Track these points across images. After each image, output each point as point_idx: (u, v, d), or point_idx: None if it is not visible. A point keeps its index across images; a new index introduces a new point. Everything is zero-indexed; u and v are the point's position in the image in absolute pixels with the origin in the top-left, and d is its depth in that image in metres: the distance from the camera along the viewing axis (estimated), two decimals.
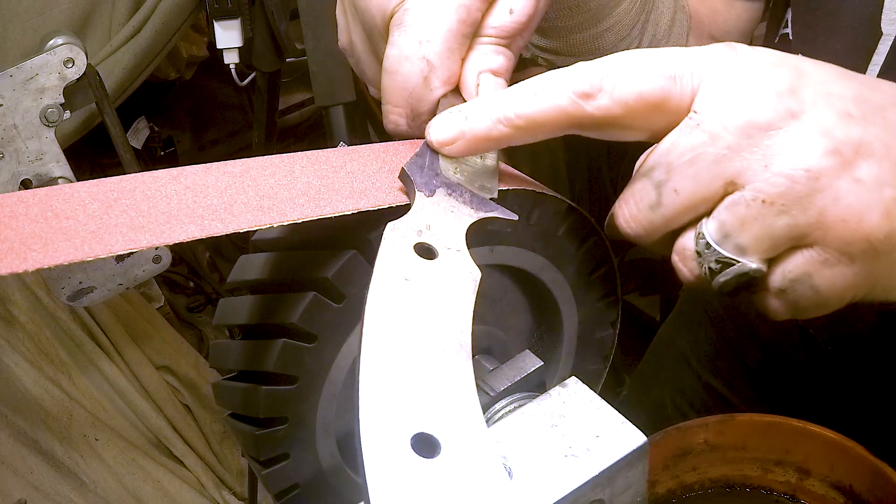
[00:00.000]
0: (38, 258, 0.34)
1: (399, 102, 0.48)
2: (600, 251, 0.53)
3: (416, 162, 0.44)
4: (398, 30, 0.46)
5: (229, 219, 0.39)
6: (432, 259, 0.40)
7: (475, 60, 0.48)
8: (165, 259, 0.93)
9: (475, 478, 0.31)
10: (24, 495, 1.15)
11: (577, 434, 0.41)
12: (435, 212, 0.42)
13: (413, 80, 0.47)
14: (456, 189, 0.44)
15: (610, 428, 0.41)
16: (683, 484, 0.58)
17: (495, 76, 0.49)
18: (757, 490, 0.58)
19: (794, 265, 0.40)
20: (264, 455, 0.46)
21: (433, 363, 0.34)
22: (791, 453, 0.56)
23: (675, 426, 0.56)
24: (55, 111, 0.81)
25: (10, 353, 1.19)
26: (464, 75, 0.48)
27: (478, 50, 0.49)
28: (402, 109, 0.48)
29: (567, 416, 0.42)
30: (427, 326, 0.36)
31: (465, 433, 0.32)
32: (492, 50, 0.49)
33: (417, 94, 0.47)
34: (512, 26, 0.49)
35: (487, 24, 0.48)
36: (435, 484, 0.30)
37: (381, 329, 0.35)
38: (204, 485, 1.32)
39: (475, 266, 0.40)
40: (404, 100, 0.47)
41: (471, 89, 0.48)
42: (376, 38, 0.50)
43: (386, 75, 0.48)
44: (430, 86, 0.47)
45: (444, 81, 0.47)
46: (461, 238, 0.42)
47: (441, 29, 0.46)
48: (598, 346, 0.57)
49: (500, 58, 0.49)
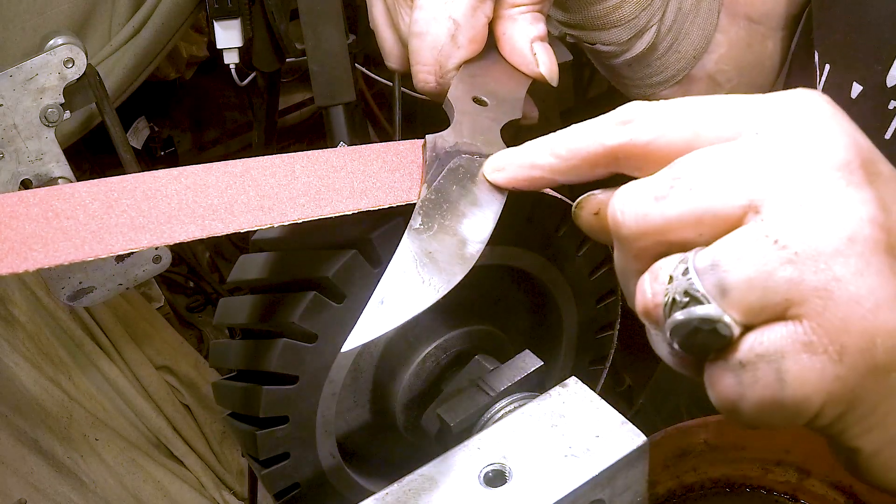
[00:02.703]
0: (39, 258, 0.34)
1: (428, 61, 0.51)
2: (600, 251, 0.53)
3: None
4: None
5: (230, 219, 0.39)
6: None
7: (521, 31, 0.52)
8: (165, 259, 0.92)
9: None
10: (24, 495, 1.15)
11: (577, 434, 0.41)
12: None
13: (441, 39, 0.50)
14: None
15: (610, 428, 0.41)
16: (683, 484, 0.58)
17: (543, 42, 0.53)
18: (757, 490, 0.58)
19: (770, 337, 0.32)
20: (264, 455, 0.46)
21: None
22: (791, 453, 0.56)
23: (675, 426, 0.56)
24: (55, 111, 0.81)
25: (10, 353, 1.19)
26: (517, 46, 0.52)
27: (520, 20, 0.52)
28: (432, 67, 0.51)
29: (567, 416, 0.42)
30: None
31: None
32: (532, 18, 0.53)
33: (446, 51, 0.51)
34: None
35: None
36: None
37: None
38: (204, 485, 1.32)
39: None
40: (433, 58, 0.51)
41: (528, 57, 0.52)
42: (396, 9, 0.53)
43: (415, 38, 0.51)
44: (458, 43, 0.50)
45: (469, 39, 0.51)
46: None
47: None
48: (598, 346, 0.57)
49: (541, 24, 0.53)
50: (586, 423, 0.42)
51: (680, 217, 0.34)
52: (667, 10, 0.69)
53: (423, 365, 0.50)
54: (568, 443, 0.41)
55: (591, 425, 0.42)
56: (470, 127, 0.46)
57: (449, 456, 0.42)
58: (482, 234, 0.41)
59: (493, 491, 0.39)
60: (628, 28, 0.67)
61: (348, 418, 0.51)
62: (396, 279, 0.38)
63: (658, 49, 0.71)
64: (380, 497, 0.40)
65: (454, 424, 0.46)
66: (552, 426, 0.42)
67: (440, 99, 0.52)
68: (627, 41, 0.69)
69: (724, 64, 0.74)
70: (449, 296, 0.49)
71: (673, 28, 0.70)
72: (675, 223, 0.34)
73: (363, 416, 0.52)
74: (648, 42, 0.69)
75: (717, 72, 0.75)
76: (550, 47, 0.53)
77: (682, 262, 0.33)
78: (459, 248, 0.40)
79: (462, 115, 0.47)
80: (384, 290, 0.37)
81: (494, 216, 0.42)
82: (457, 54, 0.50)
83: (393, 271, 0.38)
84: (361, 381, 0.50)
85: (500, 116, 0.48)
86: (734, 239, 0.33)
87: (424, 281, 0.38)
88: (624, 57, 0.71)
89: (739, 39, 0.74)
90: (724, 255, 0.32)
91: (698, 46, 0.72)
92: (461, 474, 0.40)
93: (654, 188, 0.35)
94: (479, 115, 0.48)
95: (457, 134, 0.46)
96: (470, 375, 0.49)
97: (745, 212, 0.33)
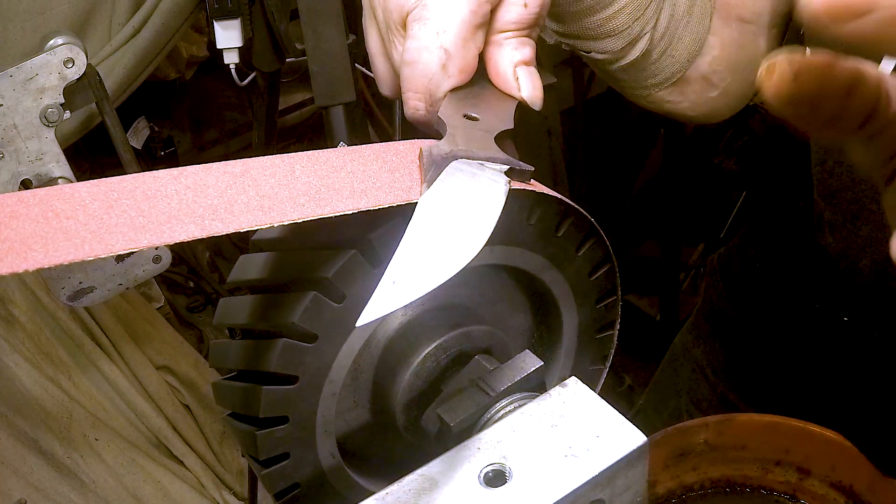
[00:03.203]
0: (39, 258, 0.34)
1: (419, 89, 0.51)
2: (600, 251, 0.53)
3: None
4: (418, 23, 0.50)
5: (230, 219, 0.39)
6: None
7: (506, 55, 0.53)
8: (165, 259, 0.92)
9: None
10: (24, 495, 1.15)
11: (577, 434, 0.41)
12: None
13: (432, 68, 0.50)
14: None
15: (610, 428, 0.41)
16: (683, 484, 0.58)
17: (527, 66, 0.53)
18: (757, 490, 0.58)
19: None
20: (264, 455, 0.46)
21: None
22: (791, 453, 0.56)
23: (674, 426, 0.56)
24: (55, 111, 0.81)
25: (10, 353, 1.19)
26: (500, 70, 0.53)
27: (505, 45, 0.53)
28: (422, 95, 0.51)
29: (567, 416, 0.42)
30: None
31: None
32: (518, 43, 0.53)
33: (436, 80, 0.51)
34: (529, 18, 0.52)
35: (507, 20, 0.52)
36: None
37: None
38: (204, 485, 1.32)
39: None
40: (424, 86, 0.51)
41: (511, 82, 0.52)
42: (390, 38, 0.54)
43: (406, 66, 0.51)
44: (448, 73, 0.51)
45: (460, 69, 0.51)
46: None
47: (456, 20, 0.50)
48: (598, 346, 0.57)
49: (527, 49, 0.53)
50: (586, 423, 0.42)
51: None
52: (660, 18, 0.70)
53: (423, 365, 0.50)
54: (568, 443, 0.41)
55: (591, 425, 0.42)
56: (464, 137, 0.47)
57: (449, 456, 0.42)
58: (487, 224, 0.41)
59: (493, 491, 0.39)
60: (622, 37, 0.68)
61: (348, 418, 0.51)
62: (406, 260, 0.39)
63: (652, 55, 0.72)
64: (380, 497, 0.40)
65: (454, 424, 0.46)
66: (552, 426, 0.42)
67: (429, 127, 0.52)
68: (621, 50, 0.69)
69: (717, 65, 0.75)
70: (449, 296, 0.49)
71: (666, 34, 0.71)
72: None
73: (363, 416, 0.52)
74: (642, 49, 0.70)
75: (711, 73, 0.75)
76: (536, 72, 0.53)
77: None
78: (465, 234, 0.40)
79: (454, 129, 0.47)
80: (395, 271, 0.38)
81: (497, 209, 0.42)
82: (447, 83, 0.51)
83: (402, 253, 0.39)
84: (361, 381, 0.50)
85: (493, 128, 0.49)
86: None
87: (433, 261, 0.39)
88: (619, 64, 0.71)
89: (732, 40, 0.75)
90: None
91: (692, 50, 0.73)
92: (461, 474, 0.40)
93: None
94: (472, 129, 0.48)
95: (451, 144, 0.46)
96: (470, 375, 0.49)
97: None
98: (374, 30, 0.56)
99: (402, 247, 0.39)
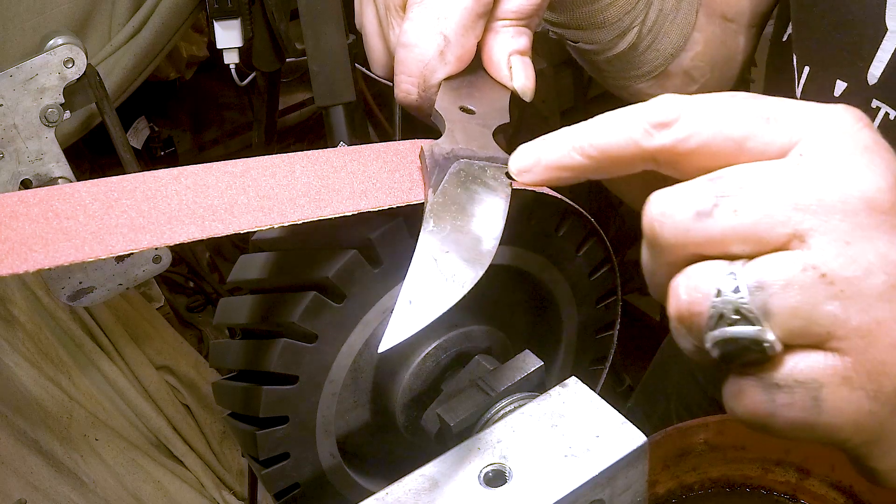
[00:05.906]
0: (39, 258, 0.34)
1: (413, 73, 0.50)
2: (600, 251, 0.53)
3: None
4: (417, 6, 0.50)
5: (230, 219, 0.39)
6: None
7: (502, 43, 0.52)
8: (165, 259, 0.92)
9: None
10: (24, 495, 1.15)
11: (577, 434, 0.41)
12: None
13: (429, 53, 0.50)
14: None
15: (610, 428, 0.41)
16: (683, 484, 0.58)
17: (522, 56, 0.52)
18: (757, 490, 0.58)
19: (810, 364, 0.33)
20: (264, 455, 0.46)
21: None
22: (791, 453, 0.56)
23: (674, 426, 0.57)
24: (55, 111, 0.81)
25: (10, 353, 1.19)
26: (494, 58, 0.52)
27: (502, 33, 0.52)
28: (415, 79, 0.51)
29: (567, 416, 0.42)
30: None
31: None
32: (515, 32, 0.52)
33: (432, 66, 0.50)
34: (529, 8, 0.52)
35: (506, 9, 0.51)
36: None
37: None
38: (204, 485, 1.32)
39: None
40: (418, 70, 0.50)
41: (503, 70, 0.51)
42: (388, 20, 0.53)
43: (402, 48, 0.50)
44: (445, 59, 0.50)
45: (457, 57, 0.50)
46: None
47: (458, 7, 0.49)
48: (598, 346, 0.57)
49: (523, 38, 0.52)
50: (586, 423, 0.42)
51: (723, 236, 0.34)
52: (649, 12, 0.70)
53: (423, 365, 0.50)
54: (568, 443, 0.41)
55: (591, 425, 0.42)
56: (462, 134, 0.47)
57: (449, 456, 0.42)
58: (494, 231, 0.41)
59: (493, 491, 0.39)
60: (612, 29, 0.69)
61: (348, 418, 0.51)
62: (421, 278, 0.38)
63: (638, 48, 0.72)
64: (380, 497, 0.40)
65: (454, 424, 0.46)
66: (552, 426, 0.42)
67: (420, 112, 0.52)
68: (610, 41, 0.70)
69: (699, 60, 0.76)
70: None
71: (653, 28, 0.72)
72: (717, 241, 0.34)
73: (363, 416, 0.52)
74: (630, 42, 0.71)
75: (692, 68, 0.77)
76: (530, 63, 0.53)
77: (732, 278, 0.33)
78: (475, 245, 0.40)
79: (452, 124, 0.47)
80: (410, 290, 0.37)
81: (503, 213, 0.42)
82: (442, 70, 0.50)
83: (415, 271, 0.38)
84: (361, 381, 0.50)
85: (490, 122, 0.48)
86: (780, 263, 0.33)
87: (447, 278, 0.38)
88: (605, 55, 0.72)
89: (715, 37, 0.76)
90: (770, 278, 0.33)
91: (676, 45, 0.74)
92: (461, 474, 0.40)
93: (697, 202, 0.34)
94: (469, 123, 0.48)
95: (451, 141, 0.46)
96: (470, 375, 0.49)
97: (790, 239, 0.33)
98: (372, 8, 0.55)
99: (414, 263, 0.38)
